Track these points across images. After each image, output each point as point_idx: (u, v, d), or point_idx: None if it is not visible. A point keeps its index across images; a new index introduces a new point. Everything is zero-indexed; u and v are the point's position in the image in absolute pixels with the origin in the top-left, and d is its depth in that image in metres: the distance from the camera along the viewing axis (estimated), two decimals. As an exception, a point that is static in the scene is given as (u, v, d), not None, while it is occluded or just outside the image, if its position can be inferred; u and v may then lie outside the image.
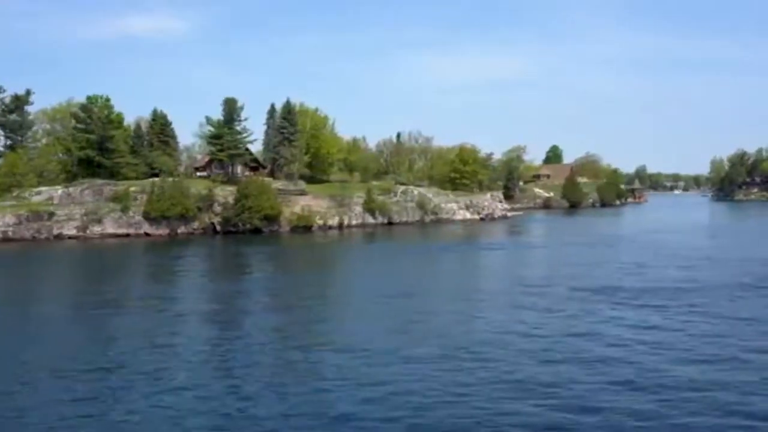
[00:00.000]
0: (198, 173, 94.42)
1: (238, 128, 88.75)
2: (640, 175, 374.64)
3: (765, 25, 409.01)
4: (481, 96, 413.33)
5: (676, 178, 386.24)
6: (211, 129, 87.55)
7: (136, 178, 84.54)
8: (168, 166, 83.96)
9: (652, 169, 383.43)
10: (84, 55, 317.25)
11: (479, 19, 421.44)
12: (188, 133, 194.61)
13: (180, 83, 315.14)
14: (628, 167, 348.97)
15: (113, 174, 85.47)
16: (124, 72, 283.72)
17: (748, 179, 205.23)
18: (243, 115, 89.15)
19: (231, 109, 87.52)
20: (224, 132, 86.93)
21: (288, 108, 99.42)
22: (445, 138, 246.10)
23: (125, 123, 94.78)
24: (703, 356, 21.50)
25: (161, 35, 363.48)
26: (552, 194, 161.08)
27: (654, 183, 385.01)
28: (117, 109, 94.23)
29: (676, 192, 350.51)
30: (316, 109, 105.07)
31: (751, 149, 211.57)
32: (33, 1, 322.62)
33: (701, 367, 20.19)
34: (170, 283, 43.23)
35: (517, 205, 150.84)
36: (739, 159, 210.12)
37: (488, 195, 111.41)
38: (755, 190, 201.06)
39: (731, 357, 21.39)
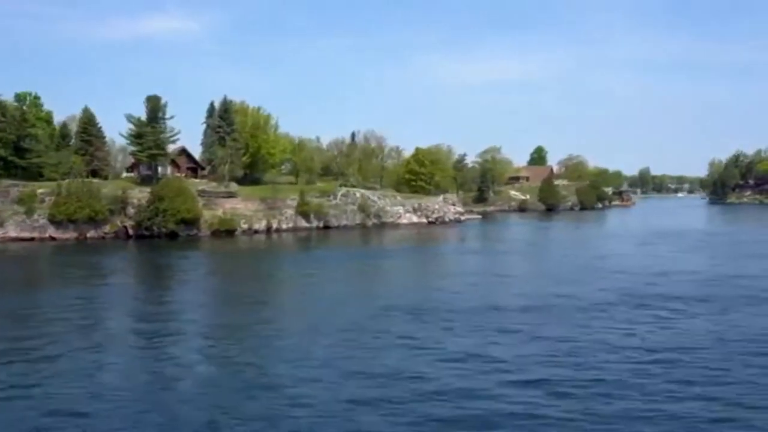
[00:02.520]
0: (125, 174, 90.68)
1: (162, 127, 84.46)
2: (644, 177, 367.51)
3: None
4: (481, 97, 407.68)
5: (680, 180, 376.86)
6: (132, 127, 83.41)
7: (60, 179, 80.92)
8: (78, 166, 79.91)
9: (657, 172, 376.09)
10: (97, 55, 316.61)
11: (485, 22, 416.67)
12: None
13: (186, 83, 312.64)
14: (632, 169, 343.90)
15: (34, 175, 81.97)
16: (132, 71, 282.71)
17: (741, 181, 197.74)
18: (168, 113, 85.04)
19: (154, 107, 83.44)
20: (146, 131, 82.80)
21: (225, 106, 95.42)
22: (438, 139, 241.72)
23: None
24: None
25: (175, 36, 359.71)
26: (528, 197, 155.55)
27: (657, 185, 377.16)
28: (48, 106, 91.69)
29: (680, 195, 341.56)
30: (258, 108, 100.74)
31: (750, 151, 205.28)
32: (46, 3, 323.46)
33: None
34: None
35: (491, 208, 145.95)
36: (734, 161, 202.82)
37: (440, 197, 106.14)
38: (748, 192, 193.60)
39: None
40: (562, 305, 30.75)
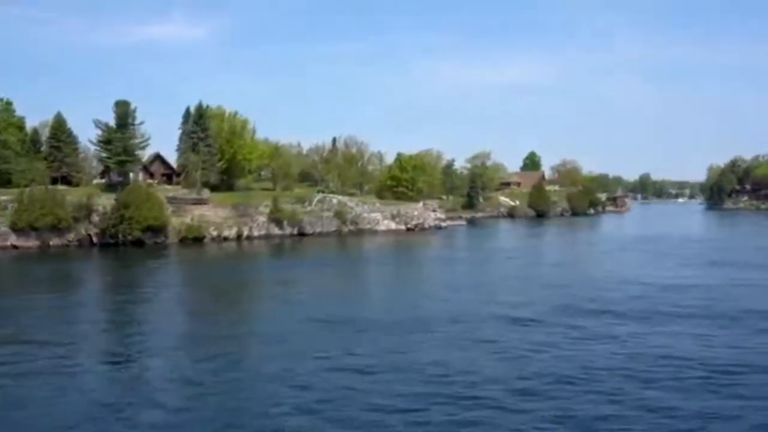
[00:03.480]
0: (96, 180, 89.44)
1: (131, 133, 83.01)
2: (644, 182, 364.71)
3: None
4: (480, 101, 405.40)
5: (681, 185, 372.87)
6: (99, 133, 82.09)
7: (26, 186, 79.65)
8: (40, 172, 78.58)
9: (658, 177, 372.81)
10: (97, 61, 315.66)
11: (485, 26, 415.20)
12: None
13: (186, 87, 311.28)
14: (634, 175, 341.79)
15: (2, 181, 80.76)
16: (130, 77, 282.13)
17: (738, 187, 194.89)
18: (138, 118, 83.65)
19: (123, 112, 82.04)
20: (115, 137, 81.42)
21: (199, 111, 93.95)
22: (435, 143, 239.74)
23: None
24: None
25: (178, 42, 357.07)
26: (517, 203, 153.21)
27: (658, 190, 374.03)
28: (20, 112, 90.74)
29: (680, 200, 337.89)
30: (235, 113, 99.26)
31: (749, 156, 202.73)
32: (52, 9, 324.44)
33: None
34: None
35: (480, 214, 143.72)
36: (731, 166, 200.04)
37: (420, 204, 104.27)
38: (745, 198, 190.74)
39: None
40: (478, 318, 29.28)
